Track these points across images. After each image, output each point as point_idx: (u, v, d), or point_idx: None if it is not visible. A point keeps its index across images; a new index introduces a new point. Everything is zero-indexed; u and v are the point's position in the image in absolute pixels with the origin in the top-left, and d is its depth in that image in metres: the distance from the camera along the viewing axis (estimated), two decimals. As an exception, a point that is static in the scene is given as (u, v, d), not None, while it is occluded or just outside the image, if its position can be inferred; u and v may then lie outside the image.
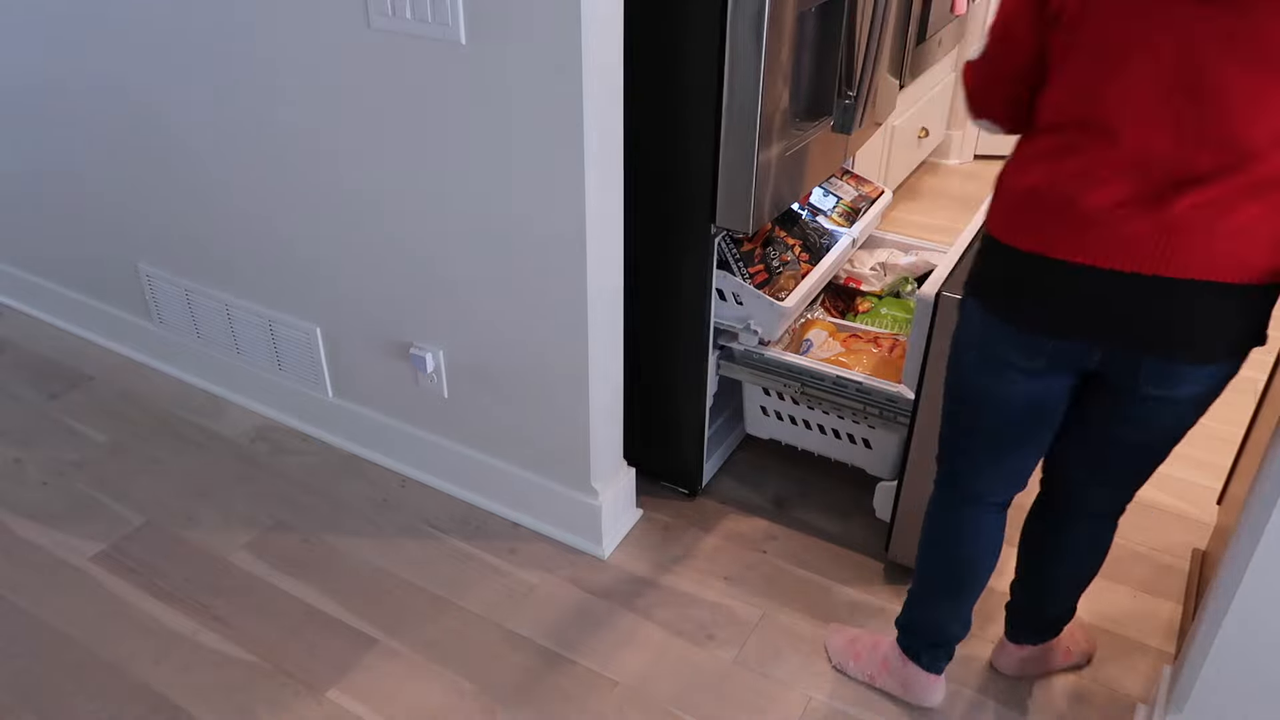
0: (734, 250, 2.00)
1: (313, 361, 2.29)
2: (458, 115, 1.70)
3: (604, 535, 2.06)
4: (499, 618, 1.93)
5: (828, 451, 2.13)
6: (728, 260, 1.99)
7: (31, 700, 1.75)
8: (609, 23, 1.56)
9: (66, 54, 2.21)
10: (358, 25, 1.71)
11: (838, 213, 2.29)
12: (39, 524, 2.14)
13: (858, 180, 2.36)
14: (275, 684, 1.79)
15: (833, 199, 2.31)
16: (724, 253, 1.99)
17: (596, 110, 1.59)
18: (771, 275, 2.01)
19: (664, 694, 1.78)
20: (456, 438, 2.17)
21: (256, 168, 2.06)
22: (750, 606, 1.96)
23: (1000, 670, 1.81)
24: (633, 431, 2.17)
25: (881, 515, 2.04)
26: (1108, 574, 2.04)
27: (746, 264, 2.00)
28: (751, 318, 1.99)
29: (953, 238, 2.80)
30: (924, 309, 1.74)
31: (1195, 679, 1.51)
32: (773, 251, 2.03)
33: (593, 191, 1.66)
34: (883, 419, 1.98)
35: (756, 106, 1.67)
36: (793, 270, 2.04)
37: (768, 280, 2.01)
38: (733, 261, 1.99)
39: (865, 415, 1.99)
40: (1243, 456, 2.05)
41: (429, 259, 1.92)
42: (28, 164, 2.53)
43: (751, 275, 1.99)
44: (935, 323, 1.72)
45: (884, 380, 1.97)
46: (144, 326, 2.62)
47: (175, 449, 2.37)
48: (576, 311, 1.79)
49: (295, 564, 2.04)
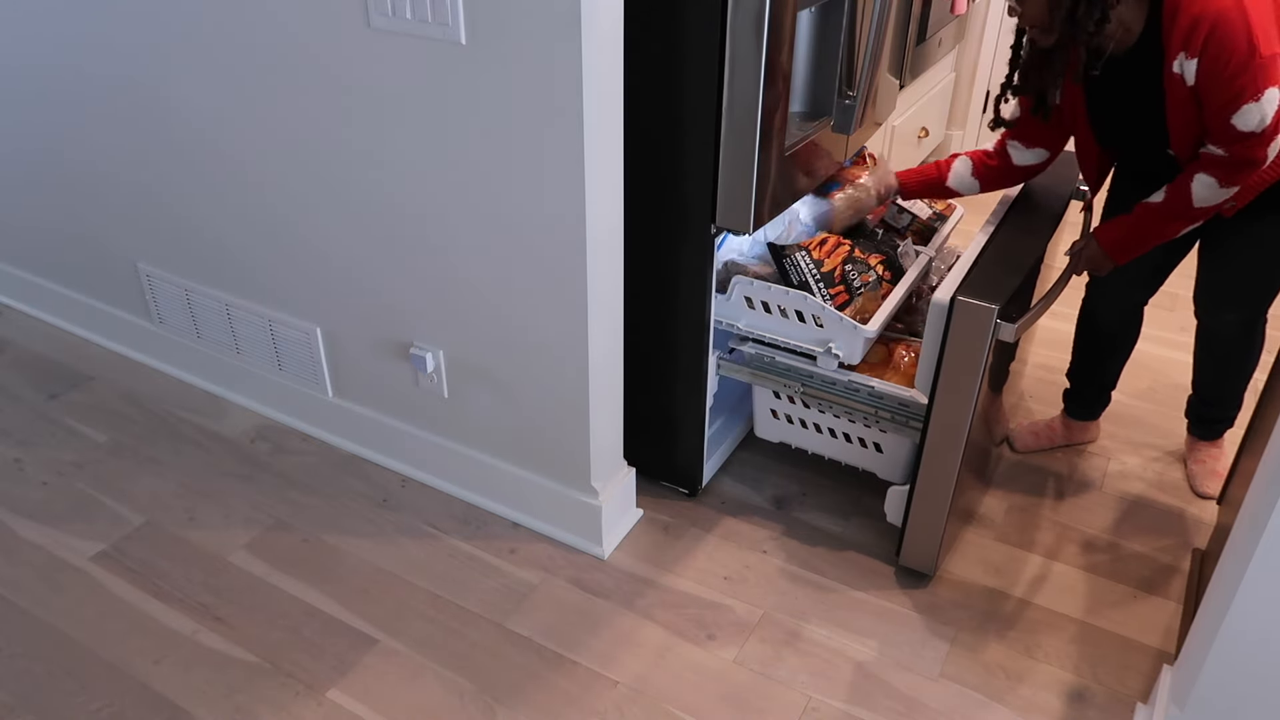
0: (814, 270, 1.94)
1: (313, 361, 2.29)
2: (457, 115, 1.70)
3: (604, 535, 2.06)
4: (499, 618, 1.93)
5: (838, 455, 2.12)
6: (807, 281, 1.93)
7: (31, 700, 1.75)
8: (609, 23, 1.56)
9: (66, 54, 2.21)
10: (357, 25, 1.71)
11: (912, 230, 2.27)
12: (39, 524, 2.14)
13: (931, 198, 2.33)
14: (275, 684, 1.79)
15: (908, 217, 2.28)
16: (804, 273, 1.93)
17: (596, 110, 1.59)
18: (853, 296, 1.95)
19: (664, 694, 1.78)
20: (456, 438, 2.17)
21: (256, 167, 2.06)
22: (750, 606, 1.96)
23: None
24: (633, 431, 2.17)
25: (893, 520, 2.02)
26: (1108, 574, 2.04)
27: (828, 285, 1.93)
28: (833, 341, 1.92)
29: (959, 239, 2.80)
30: (938, 314, 1.73)
31: (1195, 679, 1.51)
32: (853, 271, 1.96)
33: (593, 191, 1.66)
34: (894, 423, 1.96)
35: (756, 106, 1.67)
36: (873, 290, 1.97)
37: (849, 301, 1.95)
38: (813, 282, 1.93)
39: (877, 419, 1.98)
40: (1243, 456, 2.05)
41: (429, 259, 1.92)
42: (28, 163, 2.53)
43: (832, 296, 1.93)
44: (950, 328, 1.71)
45: (897, 385, 1.95)
46: (144, 326, 2.62)
47: (175, 449, 2.37)
48: (577, 311, 1.79)
49: (295, 564, 2.04)
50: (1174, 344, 2.81)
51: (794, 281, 1.95)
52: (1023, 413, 2.55)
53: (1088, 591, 2.00)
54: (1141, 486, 2.29)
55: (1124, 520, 2.19)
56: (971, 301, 1.68)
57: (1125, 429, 2.47)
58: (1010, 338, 1.69)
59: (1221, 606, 1.44)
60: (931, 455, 1.84)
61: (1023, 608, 1.96)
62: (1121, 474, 2.33)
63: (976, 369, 1.71)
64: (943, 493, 1.87)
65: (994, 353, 1.74)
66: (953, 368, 1.74)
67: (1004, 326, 1.68)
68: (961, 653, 1.86)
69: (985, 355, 1.70)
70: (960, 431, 1.79)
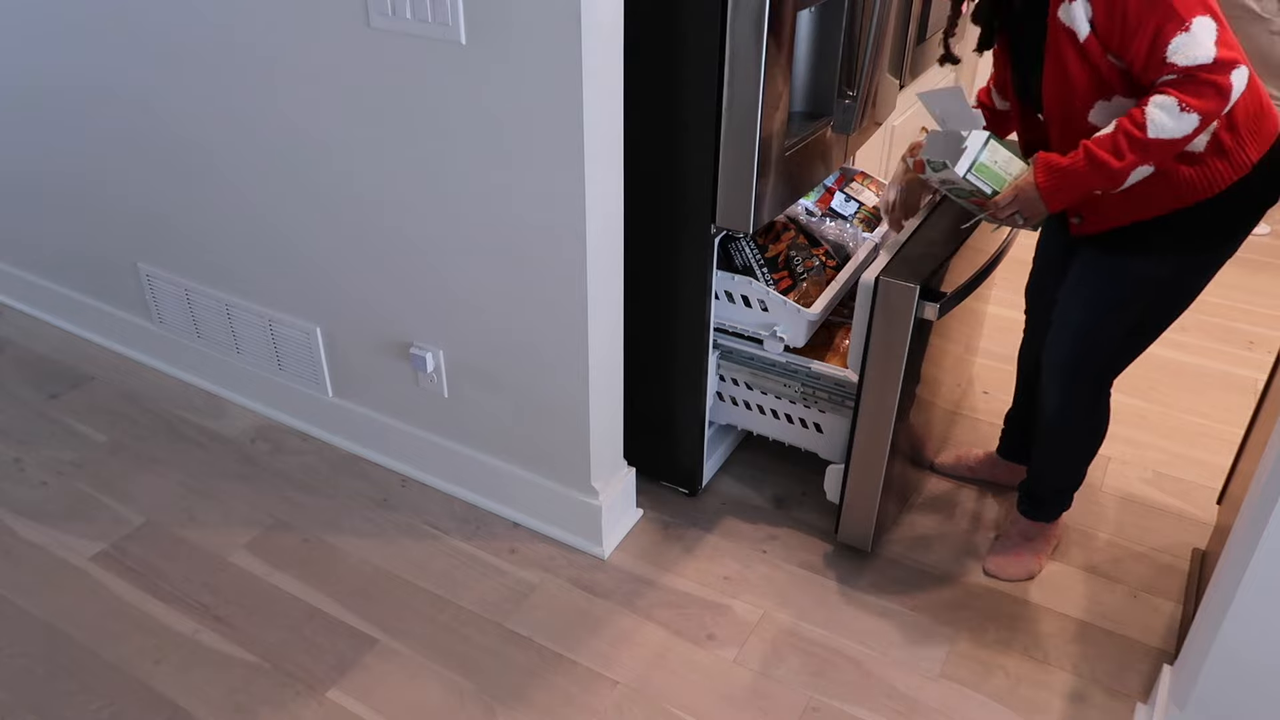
0: (758, 256, 1.99)
1: (312, 361, 2.29)
2: (457, 115, 1.70)
3: (604, 535, 2.06)
4: (499, 617, 1.93)
5: (783, 436, 2.15)
6: (751, 266, 1.98)
7: (31, 700, 1.75)
8: (609, 23, 1.56)
9: (67, 54, 2.21)
10: (358, 25, 1.71)
11: (859, 218, 2.28)
12: (39, 524, 2.14)
13: (879, 185, 2.36)
14: (275, 684, 1.79)
15: (854, 204, 2.30)
16: (747, 258, 1.98)
17: (596, 110, 1.59)
18: (796, 281, 2.00)
19: (664, 694, 1.78)
20: (456, 437, 2.17)
21: (256, 167, 2.06)
22: (750, 606, 1.96)
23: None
24: (633, 431, 2.17)
25: (831, 498, 2.07)
26: (1108, 574, 2.04)
27: (771, 270, 1.98)
28: (777, 324, 1.97)
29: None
30: (865, 295, 1.79)
31: (1195, 679, 1.51)
32: (797, 257, 2.01)
33: (593, 191, 1.66)
34: (831, 403, 2.01)
35: (756, 106, 1.67)
36: (817, 276, 2.02)
37: (792, 286, 2.00)
38: (757, 267, 1.98)
39: (815, 400, 2.03)
40: (1243, 456, 2.05)
41: (429, 259, 1.92)
42: (28, 163, 2.53)
43: (775, 281, 1.98)
44: (875, 308, 1.77)
45: (832, 365, 2.00)
46: (144, 326, 2.62)
47: (175, 449, 2.37)
48: (577, 311, 1.79)
49: (295, 564, 2.04)
50: (1174, 344, 2.81)
51: (738, 266, 1.99)
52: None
53: (1088, 591, 2.00)
54: (1141, 486, 2.29)
55: (1124, 520, 2.19)
56: (894, 281, 1.74)
57: (1125, 429, 2.47)
58: (933, 316, 1.75)
59: (1221, 606, 1.44)
60: (863, 433, 1.90)
61: (1023, 607, 1.96)
62: (1121, 474, 2.32)
63: (902, 347, 1.77)
64: (875, 469, 1.92)
65: (919, 331, 1.78)
66: (879, 346, 1.80)
67: (927, 305, 1.74)
68: (961, 653, 1.86)
69: (908, 334, 1.75)
70: (889, 409, 1.84)
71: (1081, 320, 1.76)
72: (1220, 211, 1.61)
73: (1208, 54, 1.42)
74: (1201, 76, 1.43)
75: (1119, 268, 1.70)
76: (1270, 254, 3.39)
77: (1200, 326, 2.91)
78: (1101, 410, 1.88)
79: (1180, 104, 1.44)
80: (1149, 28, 1.45)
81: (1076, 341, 1.78)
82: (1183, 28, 1.43)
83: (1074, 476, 1.99)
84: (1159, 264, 1.67)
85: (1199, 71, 1.43)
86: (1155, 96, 1.47)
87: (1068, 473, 1.98)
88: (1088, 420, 1.89)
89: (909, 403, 1.90)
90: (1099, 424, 1.90)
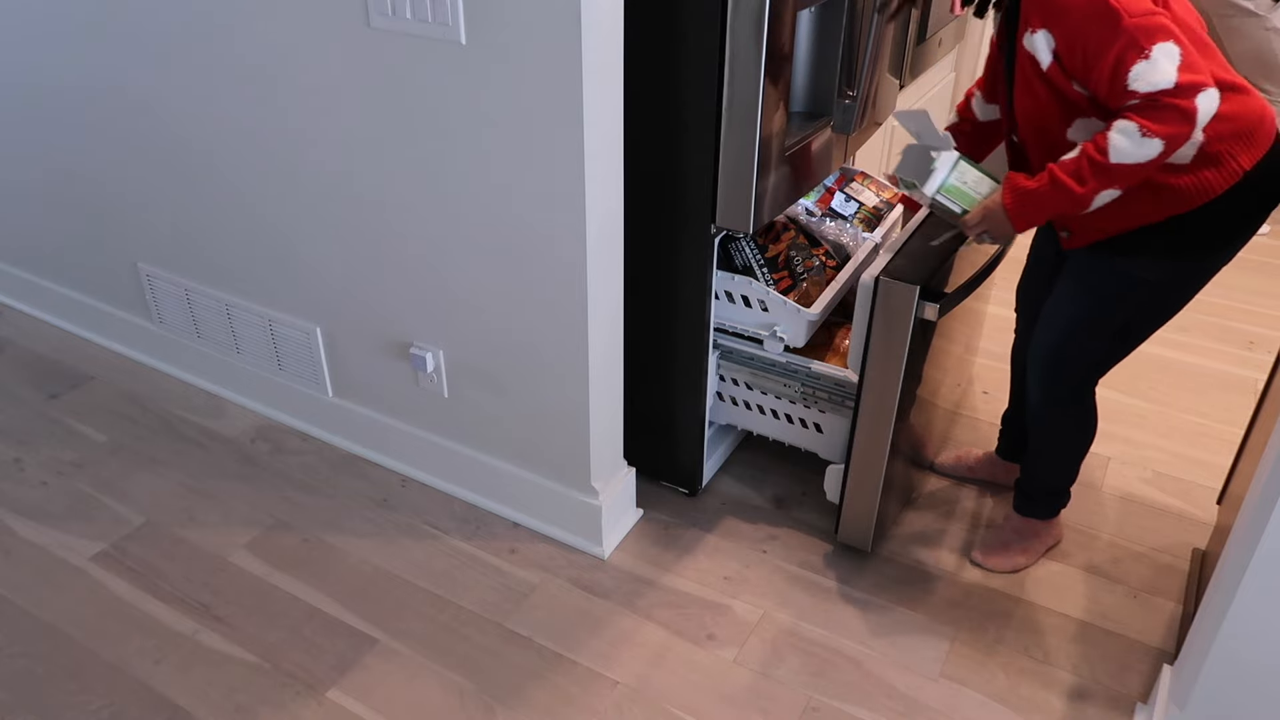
0: (758, 256, 1.98)
1: (312, 361, 2.29)
2: (457, 115, 1.70)
3: (604, 535, 2.06)
4: (499, 617, 1.93)
5: (783, 436, 2.15)
6: (751, 266, 1.98)
7: (31, 700, 1.75)
8: (609, 22, 1.56)
9: (67, 54, 2.21)
10: (358, 25, 1.71)
11: (859, 218, 2.28)
12: (39, 524, 2.14)
13: (879, 186, 2.35)
14: (275, 684, 1.79)
15: (854, 204, 2.30)
16: (747, 258, 1.98)
17: (596, 110, 1.59)
18: (796, 281, 2.00)
19: (664, 694, 1.78)
20: (456, 437, 2.17)
21: (256, 167, 2.06)
22: (750, 606, 1.96)
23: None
24: (633, 431, 2.17)
25: (831, 498, 2.07)
26: (1108, 573, 2.04)
27: (771, 270, 1.98)
28: (778, 324, 1.97)
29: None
30: (865, 295, 1.79)
31: (1195, 678, 1.51)
32: (798, 257, 2.01)
33: (593, 191, 1.66)
34: (831, 403, 2.02)
35: (756, 106, 1.67)
36: (818, 276, 2.02)
37: (792, 286, 2.00)
38: (757, 268, 1.98)
39: (815, 399, 2.03)
40: (1243, 456, 2.05)
41: (429, 258, 1.92)
42: (28, 164, 2.53)
43: (775, 281, 1.98)
44: (875, 308, 1.77)
45: (832, 365, 2.00)
46: (144, 326, 2.62)
47: (175, 449, 2.37)
48: (576, 311, 1.79)
49: (295, 564, 2.04)
50: (1175, 344, 2.81)
51: (738, 266, 1.99)
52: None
53: (1088, 591, 2.00)
54: (1141, 486, 2.29)
55: (1124, 520, 2.19)
56: (894, 281, 1.74)
57: (1125, 429, 2.47)
58: (934, 316, 1.75)
59: (1221, 606, 1.44)
60: (863, 433, 1.90)
61: (1022, 607, 1.96)
62: (1121, 474, 2.33)
63: (902, 347, 1.77)
64: (875, 469, 1.92)
65: (919, 331, 1.79)
66: (879, 346, 1.79)
67: (927, 306, 1.74)
68: (961, 653, 1.86)
69: (909, 334, 1.75)
70: (889, 409, 1.84)
71: (1069, 317, 1.77)
72: (1213, 219, 1.61)
73: (1168, 79, 1.43)
74: (1164, 101, 1.44)
75: (1110, 268, 1.71)
76: (1270, 254, 3.39)
77: (1200, 326, 2.92)
78: (1085, 408, 1.89)
79: (1141, 129, 1.46)
80: (1109, 57, 1.46)
81: (1061, 338, 1.79)
82: (1142, 55, 1.44)
83: (1064, 475, 1.99)
84: (1150, 267, 1.67)
85: (1161, 96, 1.44)
86: (1118, 122, 1.48)
87: (1057, 471, 1.98)
88: (1070, 418, 1.89)
89: (909, 403, 1.90)
90: (1084, 422, 1.90)
